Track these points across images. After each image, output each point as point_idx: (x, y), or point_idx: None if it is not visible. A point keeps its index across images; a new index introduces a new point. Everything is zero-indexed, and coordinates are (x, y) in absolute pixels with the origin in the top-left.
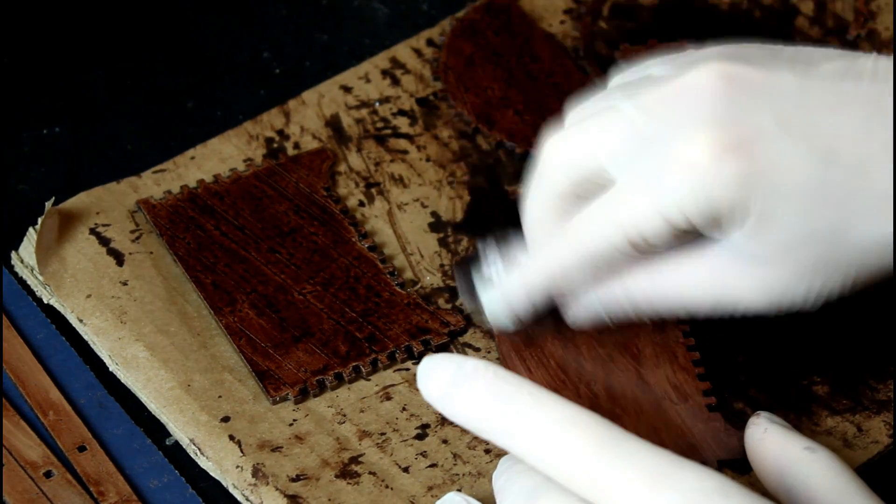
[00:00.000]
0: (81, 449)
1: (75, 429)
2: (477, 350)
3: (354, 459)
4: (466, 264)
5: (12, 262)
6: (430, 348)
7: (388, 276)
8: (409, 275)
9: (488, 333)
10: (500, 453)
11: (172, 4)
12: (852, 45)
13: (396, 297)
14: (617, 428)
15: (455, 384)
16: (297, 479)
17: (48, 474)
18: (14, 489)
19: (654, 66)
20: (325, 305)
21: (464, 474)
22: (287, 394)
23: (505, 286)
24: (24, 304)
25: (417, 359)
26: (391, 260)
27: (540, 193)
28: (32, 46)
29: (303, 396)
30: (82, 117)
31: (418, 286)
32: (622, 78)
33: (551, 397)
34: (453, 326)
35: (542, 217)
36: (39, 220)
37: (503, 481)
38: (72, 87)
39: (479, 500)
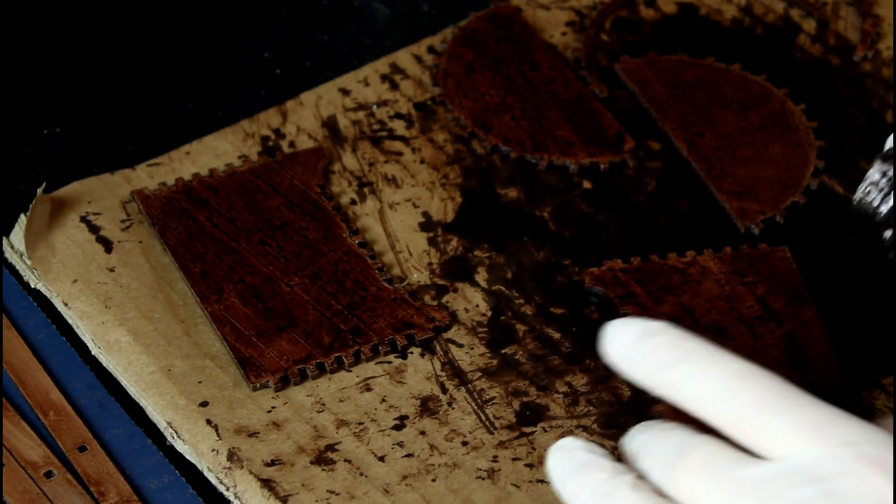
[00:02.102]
0: (82, 449)
1: (76, 429)
2: (460, 346)
3: (330, 447)
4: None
5: (3, 248)
6: (413, 343)
7: (377, 271)
8: (396, 271)
9: (472, 331)
10: (476, 446)
11: (173, 4)
12: (857, 65)
13: (383, 292)
14: (789, 383)
15: (639, 339)
16: (271, 464)
17: (49, 474)
18: (14, 489)
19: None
20: (311, 297)
21: (439, 465)
22: (267, 381)
23: None
24: (25, 304)
25: (400, 352)
26: (380, 256)
27: None
28: (32, 46)
29: (283, 384)
30: (82, 117)
31: (405, 283)
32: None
33: (729, 353)
34: (438, 322)
35: None
36: (30, 206)
37: (642, 440)
38: (72, 87)
39: (453, 490)
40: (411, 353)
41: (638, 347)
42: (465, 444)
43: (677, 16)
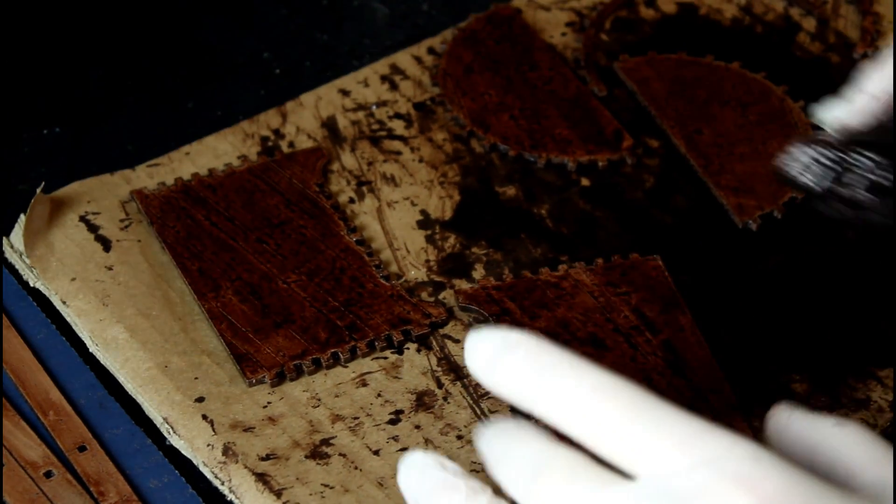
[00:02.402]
0: (81, 449)
1: (75, 429)
2: (457, 342)
3: (326, 441)
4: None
5: (3, 248)
6: (410, 338)
7: (374, 268)
8: (394, 268)
9: (468, 326)
10: (471, 440)
11: (172, 4)
12: (857, 63)
13: (380, 289)
14: (653, 395)
15: (499, 354)
16: (266, 458)
17: (48, 474)
18: (14, 489)
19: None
20: (308, 294)
21: None
22: (263, 377)
23: None
24: (25, 304)
25: (396, 348)
26: (378, 254)
27: None
28: (32, 46)
29: (279, 380)
30: (82, 117)
31: (402, 280)
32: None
33: (590, 365)
34: (435, 318)
35: None
36: (29, 206)
37: (499, 446)
38: (72, 87)
39: None
40: (407, 348)
41: (497, 362)
42: (459, 437)
43: (677, 15)
